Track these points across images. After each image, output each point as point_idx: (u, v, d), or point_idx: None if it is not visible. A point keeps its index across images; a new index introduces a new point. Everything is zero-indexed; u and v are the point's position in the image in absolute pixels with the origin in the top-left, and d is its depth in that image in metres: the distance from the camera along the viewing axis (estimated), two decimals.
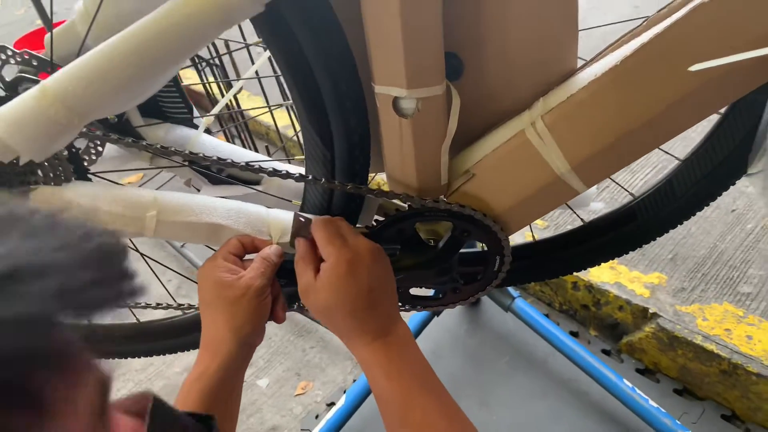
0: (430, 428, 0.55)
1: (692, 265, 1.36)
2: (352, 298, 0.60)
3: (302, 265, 0.63)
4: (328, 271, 0.61)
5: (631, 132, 0.60)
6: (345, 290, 0.60)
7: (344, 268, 0.60)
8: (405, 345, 0.61)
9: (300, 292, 0.63)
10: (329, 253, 0.61)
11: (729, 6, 0.53)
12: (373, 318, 0.61)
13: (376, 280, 0.62)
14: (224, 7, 0.50)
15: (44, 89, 0.54)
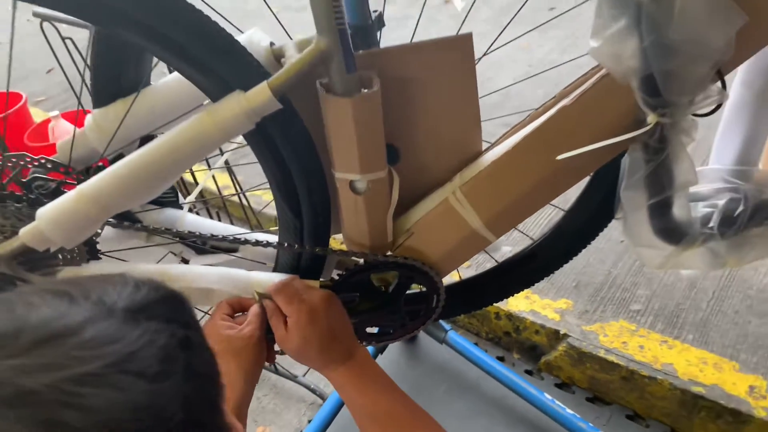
0: (397, 420, 0.73)
1: (592, 290, 1.62)
2: (318, 340, 0.78)
3: (275, 322, 0.80)
4: (293, 326, 0.78)
5: (523, 195, 0.82)
6: (310, 335, 0.77)
7: (305, 319, 0.78)
8: (367, 363, 0.79)
9: (277, 341, 0.80)
10: (290, 312, 0.78)
11: (582, 106, 0.76)
12: (337, 349, 0.79)
13: (333, 320, 0.80)
14: (228, 129, 0.68)
15: (81, 192, 0.70)
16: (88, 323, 0.35)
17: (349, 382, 0.77)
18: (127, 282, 0.41)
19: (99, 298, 0.38)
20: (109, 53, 0.77)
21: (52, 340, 0.34)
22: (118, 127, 0.76)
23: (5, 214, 0.75)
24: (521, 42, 2.84)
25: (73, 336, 0.34)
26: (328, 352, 0.78)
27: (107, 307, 0.37)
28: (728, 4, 0.64)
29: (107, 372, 0.34)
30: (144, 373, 0.35)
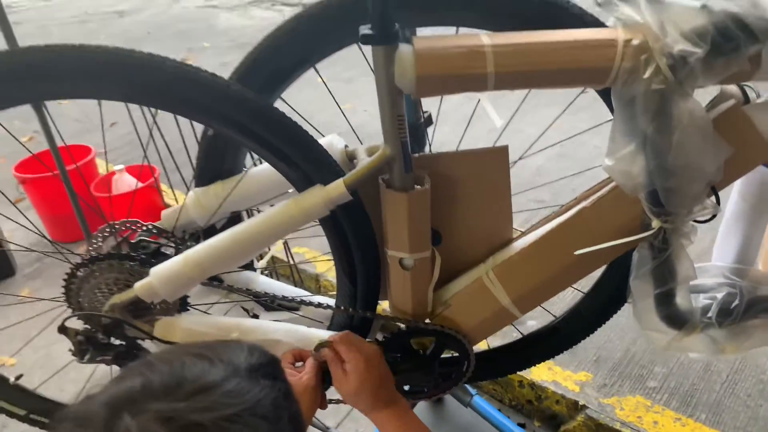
0: None
1: (611, 365, 1.72)
2: (371, 383, 0.91)
3: (334, 367, 0.93)
4: (352, 370, 0.91)
5: (547, 279, 0.97)
6: (366, 379, 0.91)
7: (363, 365, 0.91)
8: (407, 410, 0.93)
9: (335, 383, 0.93)
10: (351, 358, 0.92)
11: (598, 210, 0.91)
12: (384, 394, 0.93)
13: (382, 370, 0.94)
14: (309, 215, 0.86)
15: (188, 257, 0.87)
16: (226, 379, 0.50)
17: (391, 423, 0.90)
18: (243, 348, 0.56)
19: (228, 360, 0.52)
20: (214, 146, 0.95)
21: (205, 390, 0.48)
22: (220, 205, 0.94)
23: (122, 270, 0.92)
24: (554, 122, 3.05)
25: (218, 388, 0.49)
26: (378, 395, 0.92)
27: (234, 367, 0.52)
28: (717, 139, 0.80)
29: (245, 415, 0.49)
30: (267, 416, 0.50)
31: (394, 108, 0.83)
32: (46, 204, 2.83)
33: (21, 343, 1.40)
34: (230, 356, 0.53)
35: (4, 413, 1.07)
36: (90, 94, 0.79)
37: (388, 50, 0.78)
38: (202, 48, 5.15)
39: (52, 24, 6.48)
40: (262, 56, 0.90)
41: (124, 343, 0.95)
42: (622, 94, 0.80)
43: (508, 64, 0.78)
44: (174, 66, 0.79)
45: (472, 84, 0.80)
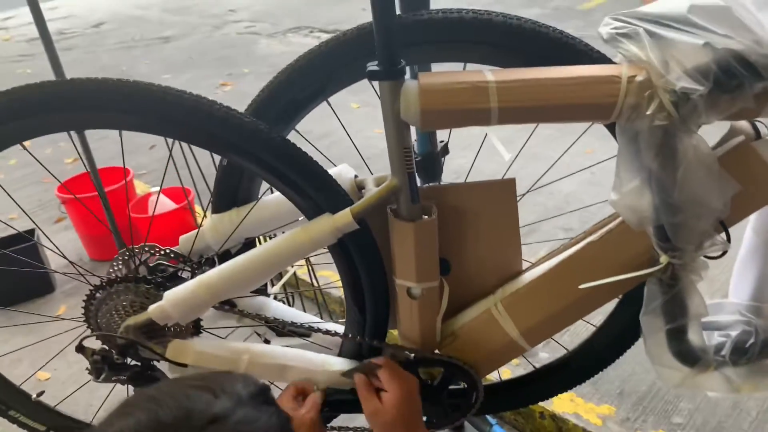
0: None
1: (635, 398, 1.68)
2: (408, 417, 0.90)
3: (367, 394, 0.91)
4: (393, 399, 0.89)
5: (555, 312, 0.97)
6: (406, 412, 0.90)
7: (405, 396, 0.90)
8: None
9: (368, 413, 0.90)
10: (394, 387, 0.90)
11: (606, 244, 0.91)
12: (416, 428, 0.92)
13: (419, 406, 0.93)
14: (317, 242, 0.88)
15: (200, 281, 0.90)
16: (233, 409, 0.52)
17: None
18: (237, 377, 0.58)
19: (231, 390, 0.54)
20: (230, 174, 0.99)
21: (216, 421, 0.50)
22: (233, 231, 0.97)
23: (138, 292, 0.96)
24: (586, 148, 3.01)
25: (228, 418, 0.51)
26: (410, 428, 0.90)
27: (237, 396, 0.54)
28: (723, 175, 0.80)
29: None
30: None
31: (400, 141, 0.85)
32: (85, 224, 2.93)
33: (57, 358, 1.45)
34: (230, 386, 0.55)
35: (25, 429, 1.12)
36: (108, 124, 0.83)
37: (393, 85, 0.81)
38: (242, 73, 5.29)
39: (101, 50, 6.75)
40: (277, 89, 0.94)
41: (138, 363, 0.99)
42: (626, 130, 0.80)
43: (511, 99, 0.79)
44: (190, 99, 0.83)
45: (475, 118, 0.81)
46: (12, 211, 3.23)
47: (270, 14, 7.17)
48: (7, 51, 7.30)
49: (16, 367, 2.02)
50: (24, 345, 2.07)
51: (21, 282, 2.69)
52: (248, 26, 6.87)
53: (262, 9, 7.51)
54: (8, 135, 0.84)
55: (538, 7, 5.76)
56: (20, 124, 0.81)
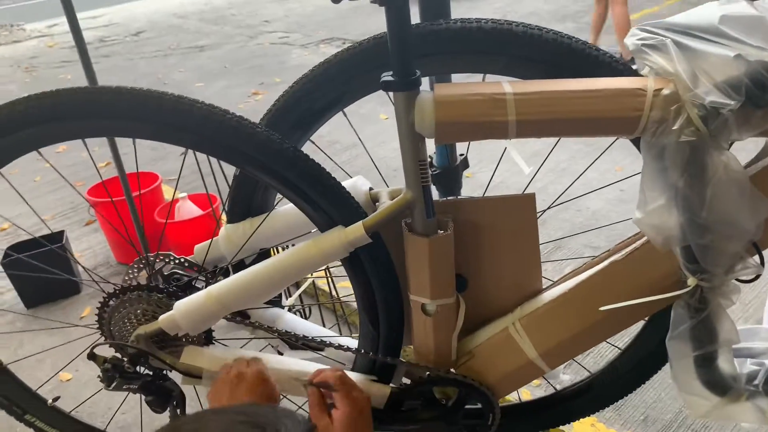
0: None
1: (660, 426, 1.61)
2: None
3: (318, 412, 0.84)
4: (344, 417, 0.82)
5: (576, 334, 0.93)
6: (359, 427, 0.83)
7: (355, 415, 0.83)
8: None
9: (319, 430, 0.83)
10: (346, 404, 0.83)
11: (630, 264, 0.87)
12: None
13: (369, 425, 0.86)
14: (328, 256, 0.87)
15: (210, 293, 0.89)
16: None
17: None
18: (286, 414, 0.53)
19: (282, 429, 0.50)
20: (245, 184, 0.98)
21: None
22: (246, 241, 0.96)
23: (150, 301, 0.95)
24: (615, 166, 2.93)
25: None
26: None
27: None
28: (756, 195, 0.75)
29: None
30: None
31: (415, 153, 0.83)
32: (112, 227, 2.97)
33: (80, 360, 1.46)
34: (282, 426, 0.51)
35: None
36: (122, 132, 0.83)
37: (408, 96, 0.78)
38: (273, 83, 5.34)
39: (138, 57, 6.91)
40: (292, 99, 0.93)
41: (150, 373, 0.98)
42: (651, 145, 0.76)
43: (530, 111, 0.77)
44: (203, 109, 0.82)
45: (492, 131, 0.78)
46: (45, 213, 3.30)
47: (303, 25, 7.24)
48: (51, 57, 7.53)
49: (40, 367, 2.05)
50: (46, 347, 2.10)
51: (47, 284, 2.74)
52: (282, 37, 6.96)
53: (296, 20, 7.59)
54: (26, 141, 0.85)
55: (571, 21, 5.69)
56: (33, 131, 0.81)
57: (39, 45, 8.33)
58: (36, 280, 2.69)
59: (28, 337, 2.47)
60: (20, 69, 7.17)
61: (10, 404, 1.09)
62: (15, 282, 2.69)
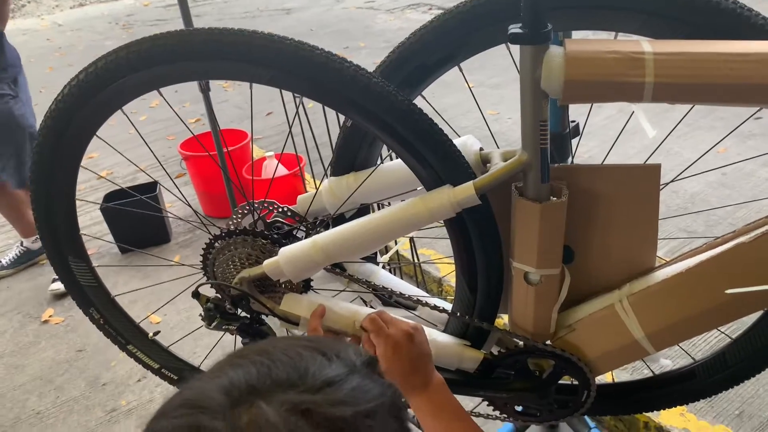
0: None
1: (757, 423, 1.52)
2: (399, 370, 0.86)
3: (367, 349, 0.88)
4: (379, 356, 0.86)
5: (690, 317, 0.87)
6: (394, 364, 0.86)
7: (390, 351, 0.86)
8: (443, 391, 0.87)
9: None
10: (378, 343, 0.87)
11: (760, 247, 0.81)
12: (416, 379, 0.86)
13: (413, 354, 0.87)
14: (435, 214, 0.85)
15: (315, 242, 0.89)
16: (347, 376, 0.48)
17: (425, 407, 0.85)
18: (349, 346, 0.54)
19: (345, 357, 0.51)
20: (352, 137, 0.97)
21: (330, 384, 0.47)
22: (350, 195, 0.95)
23: (255, 246, 0.97)
24: (718, 147, 2.75)
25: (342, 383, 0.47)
26: (408, 381, 0.86)
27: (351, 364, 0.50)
28: None
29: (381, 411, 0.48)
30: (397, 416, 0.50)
31: (536, 112, 0.79)
32: (203, 181, 3.07)
33: (169, 304, 1.53)
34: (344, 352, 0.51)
35: (140, 363, 1.18)
36: (239, 75, 0.83)
37: (537, 51, 0.74)
38: (357, 47, 5.33)
39: (227, 18, 7.06)
40: (407, 51, 0.90)
41: (248, 316, 1.00)
42: None
43: (670, 74, 0.71)
44: (321, 55, 0.81)
45: (626, 93, 0.73)
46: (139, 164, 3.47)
47: None
48: (146, 15, 7.82)
49: (132, 308, 2.17)
50: (141, 287, 2.21)
51: (140, 230, 2.87)
52: (367, 1, 6.91)
53: None
54: (146, 81, 0.87)
55: None
56: (154, 71, 0.83)
57: (135, 4, 8.66)
58: (130, 226, 2.83)
59: (123, 279, 2.61)
60: (118, 26, 7.49)
61: (115, 333, 1.15)
62: (112, 226, 2.84)
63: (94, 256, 2.86)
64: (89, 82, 0.86)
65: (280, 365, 0.47)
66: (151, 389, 2.03)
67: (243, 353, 0.50)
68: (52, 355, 2.27)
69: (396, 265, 1.79)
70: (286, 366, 0.47)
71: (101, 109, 0.89)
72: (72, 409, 2.00)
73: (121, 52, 0.85)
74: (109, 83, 0.85)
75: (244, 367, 0.47)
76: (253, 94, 0.98)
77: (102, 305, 1.11)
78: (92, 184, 3.52)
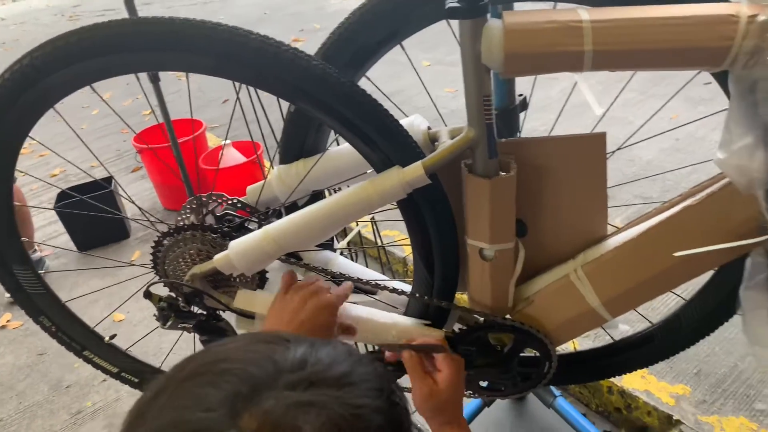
0: None
1: (714, 380, 1.57)
2: (459, 395, 0.87)
3: (419, 374, 0.86)
4: (452, 378, 0.85)
5: (642, 282, 0.88)
6: (458, 390, 0.87)
7: (459, 374, 0.87)
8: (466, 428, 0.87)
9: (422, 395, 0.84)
10: (450, 365, 0.86)
11: (706, 209, 0.82)
12: (459, 411, 0.87)
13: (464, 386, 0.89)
14: (386, 196, 0.83)
15: (266, 232, 0.87)
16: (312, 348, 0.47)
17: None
18: None
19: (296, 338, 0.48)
20: (298, 123, 0.95)
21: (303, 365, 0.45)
22: (299, 183, 0.93)
23: (204, 241, 0.95)
24: (670, 114, 2.80)
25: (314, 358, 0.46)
26: (457, 409, 0.87)
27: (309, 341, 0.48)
28: None
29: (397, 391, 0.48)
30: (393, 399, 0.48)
31: (480, 88, 0.78)
32: (159, 173, 3.00)
33: (131, 301, 1.49)
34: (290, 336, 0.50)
35: (99, 369, 1.15)
36: (177, 65, 0.80)
37: (475, 24, 0.73)
38: (313, 29, 5.25)
39: (179, 5, 6.87)
40: (348, 32, 0.88)
41: (204, 312, 0.98)
42: (741, 79, 0.70)
43: (608, 41, 0.71)
44: (257, 41, 0.79)
45: (566, 63, 0.73)
46: (93, 160, 3.37)
47: None
48: (93, 6, 7.55)
49: (93, 307, 2.13)
50: (100, 287, 2.16)
51: (98, 228, 2.80)
52: None
53: None
54: (82, 74, 0.83)
55: None
56: (91, 63, 0.79)
57: None
58: (87, 224, 2.76)
59: (82, 279, 2.55)
60: (64, 18, 7.23)
61: (70, 340, 1.12)
62: (68, 225, 2.77)
63: (51, 256, 2.78)
64: (14, 82, 0.82)
65: (252, 366, 0.45)
66: (117, 388, 1.99)
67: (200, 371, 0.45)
68: (12, 360, 2.21)
69: (359, 249, 1.78)
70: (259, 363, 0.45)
71: (30, 110, 0.85)
72: (36, 414, 1.96)
73: (46, 48, 0.81)
74: (33, 83, 0.81)
75: (220, 381, 0.43)
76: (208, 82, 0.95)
77: (53, 312, 1.08)
78: (44, 184, 3.41)
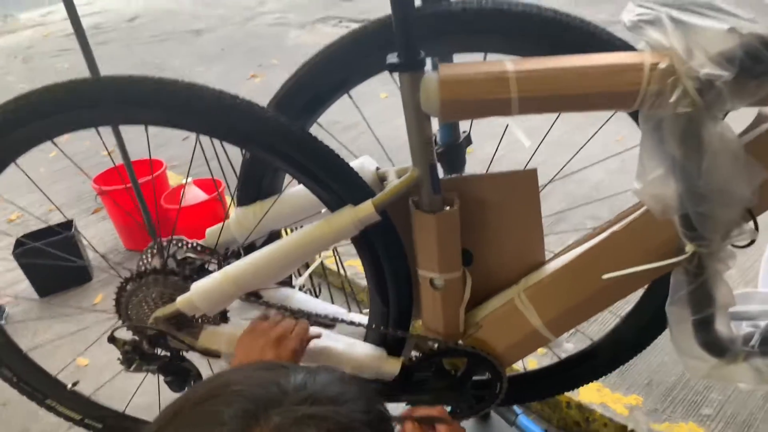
0: None
1: (664, 389, 1.66)
2: None
3: None
4: None
5: (579, 303, 0.96)
6: None
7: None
8: None
9: None
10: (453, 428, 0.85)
11: (630, 233, 0.90)
12: None
13: None
14: (340, 234, 0.90)
15: (226, 274, 0.92)
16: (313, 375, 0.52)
17: None
18: None
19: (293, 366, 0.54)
20: (253, 167, 1.01)
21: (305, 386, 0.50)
22: (257, 224, 0.99)
23: (166, 284, 0.99)
24: (617, 136, 2.95)
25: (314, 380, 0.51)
26: None
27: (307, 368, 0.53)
28: (750, 163, 0.78)
29: None
30: None
31: (421, 132, 0.85)
32: (120, 215, 3.00)
33: (95, 345, 1.50)
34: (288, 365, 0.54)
35: (62, 417, 1.16)
36: (131, 120, 0.86)
37: (413, 77, 0.81)
38: (271, 65, 5.33)
39: (135, 43, 6.88)
40: (299, 83, 0.95)
41: (168, 354, 1.01)
42: (649, 118, 0.79)
43: (531, 89, 0.79)
44: (212, 94, 0.85)
45: (496, 109, 0.81)
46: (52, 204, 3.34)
47: (299, 5, 7.19)
48: (47, 46, 7.49)
49: (56, 353, 2.10)
50: (62, 334, 2.15)
51: (59, 272, 2.77)
52: (278, 17, 6.91)
53: (292, 0, 7.54)
54: (38, 132, 0.87)
55: None
56: (46, 122, 0.84)
57: (34, 35, 8.29)
58: (47, 270, 2.73)
59: (43, 326, 2.52)
60: (17, 60, 7.15)
61: (32, 390, 1.13)
62: (27, 272, 2.73)
63: (10, 305, 2.74)
64: None
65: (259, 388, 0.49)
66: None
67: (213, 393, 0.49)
68: None
69: (321, 282, 1.82)
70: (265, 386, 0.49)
71: None
72: None
73: None
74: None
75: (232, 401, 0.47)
76: None
77: (13, 363, 1.09)
78: (2, 228, 3.36)
